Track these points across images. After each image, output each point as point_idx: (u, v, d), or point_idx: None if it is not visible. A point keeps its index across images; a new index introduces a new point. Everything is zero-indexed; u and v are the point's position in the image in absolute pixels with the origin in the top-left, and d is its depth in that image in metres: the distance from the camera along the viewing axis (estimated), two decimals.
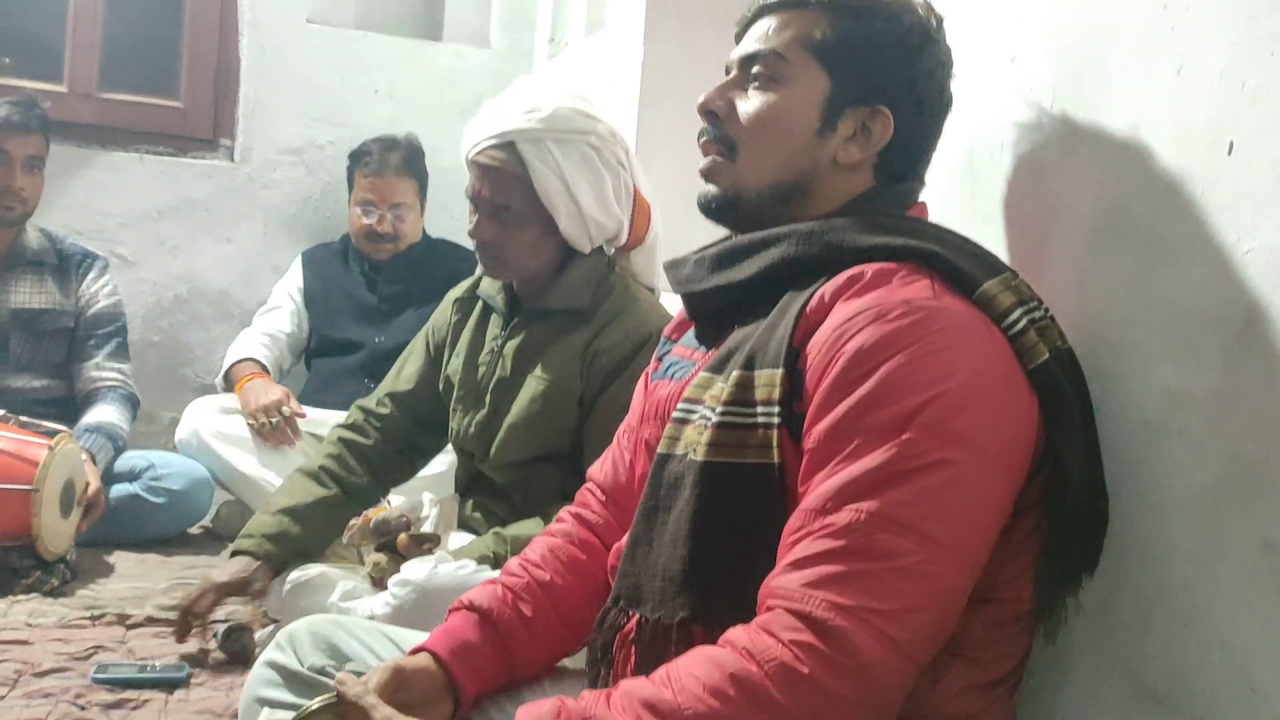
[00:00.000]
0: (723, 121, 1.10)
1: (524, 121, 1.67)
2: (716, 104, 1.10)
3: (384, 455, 1.90)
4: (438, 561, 1.60)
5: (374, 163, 2.90)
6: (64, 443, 2.24)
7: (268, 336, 2.91)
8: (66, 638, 1.92)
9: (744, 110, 1.08)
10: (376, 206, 2.90)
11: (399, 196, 2.91)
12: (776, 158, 1.06)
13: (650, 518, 1.01)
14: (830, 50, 1.06)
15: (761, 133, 1.07)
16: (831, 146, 1.06)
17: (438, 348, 1.92)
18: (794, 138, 1.06)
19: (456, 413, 1.83)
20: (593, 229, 1.73)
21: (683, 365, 1.13)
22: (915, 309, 0.90)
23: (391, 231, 2.91)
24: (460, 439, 1.83)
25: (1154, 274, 0.98)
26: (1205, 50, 0.93)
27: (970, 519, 0.87)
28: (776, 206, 1.07)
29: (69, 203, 3.04)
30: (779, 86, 1.07)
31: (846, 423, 0.88)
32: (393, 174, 2.90)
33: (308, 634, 1.21)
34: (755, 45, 1.09)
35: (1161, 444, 0.96)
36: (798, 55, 1.06)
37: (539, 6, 3.28)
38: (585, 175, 1.70)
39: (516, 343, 1.77)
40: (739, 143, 1.08)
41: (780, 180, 1.07)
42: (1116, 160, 1.03)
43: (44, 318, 2.63)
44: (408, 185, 2.93)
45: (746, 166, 1.08)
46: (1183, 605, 0.93)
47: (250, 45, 3.20)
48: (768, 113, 1.07)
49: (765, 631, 0.85)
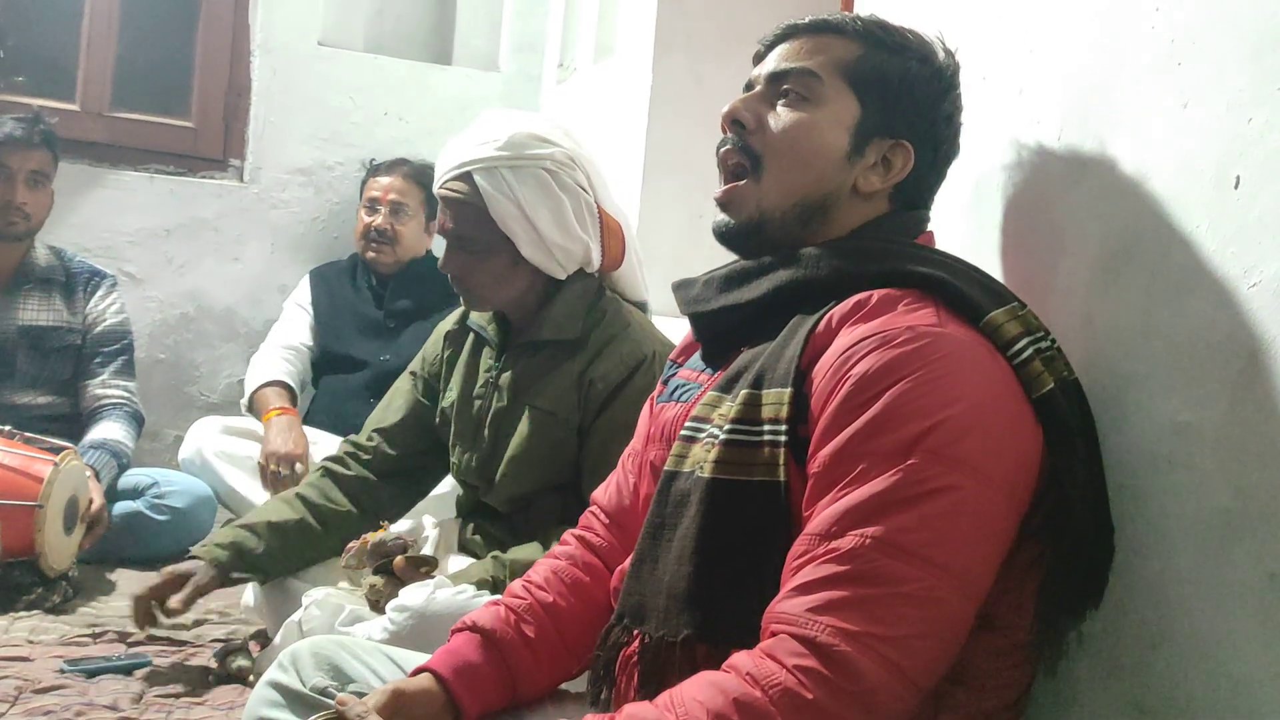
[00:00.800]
0: (749, 133, 1.08)
1: (479, 151, 1.67)
2: (744, 114, 1.09)
3: (368, 486, 1.89)
4: (436, 586, 1.60)
5: (384, 168, 2.98)
6: (69, 459, 2.24)
7: (291, 350, 2.90)
8: (67, 655, 1.91)
9: (775, 124, 1.07)
10: (379, 204, 2.92)
11: (401, 196, 2.93)
12: (805, 176, 1.06)
13: (656, 535, 1.02)
14: (864, 78, 1.06)
15: (792, 148, 1.06)
16: (855, 172, 1.06)
17: (429, 381, 1.91)
18: (823, 157, 1.06)
19: (456, 448, 1.83)
20: (558, 253, 1.71)
21: (689, 388, 1.14)
22: (920, 335, 0.91)
23: (389, 229, 2.90)
24: (461, 472, 1.83)
25: (1160, 306, 0.98)
26: (1211, 85, 0.94)
27: (974, 545, 0.88)
28: (797, 228, 1.06)
29: (78, 220, 3.05)
30: (811, 106, 1.06)
31: (851, 447, 0.89)
32: (400, 177, 2.95)
33: (310, 654, 1.21)
34: (788, 63, 1.08)
35: (1167, 476, 0.96)
36: (832, 77, 1.07)
37: (548, 32, 3.31)
38: (542, 200, 1.67)
39: (511, 375, 1.76)
40: (765, 157, 1.07)
41: (806, 199, 1.06)
42: (1123, 193, 1.04)
43: (51, 335, 2.64)
44: (412, 189, 2.95)
45: (771, 184, 1.07)
46: (1189, 637, 0.92)
47: (262, 67, 3.23)
48: (800, 129, 1.06)
49: (769, 657, 0.85)
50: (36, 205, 2.61)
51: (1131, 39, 1.04)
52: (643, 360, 1.70)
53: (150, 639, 2.02)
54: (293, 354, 2.90)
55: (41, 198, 2.63)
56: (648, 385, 1.67)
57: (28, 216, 2.60)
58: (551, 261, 1.72)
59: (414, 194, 2.97)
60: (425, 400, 1.90)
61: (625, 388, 1.69)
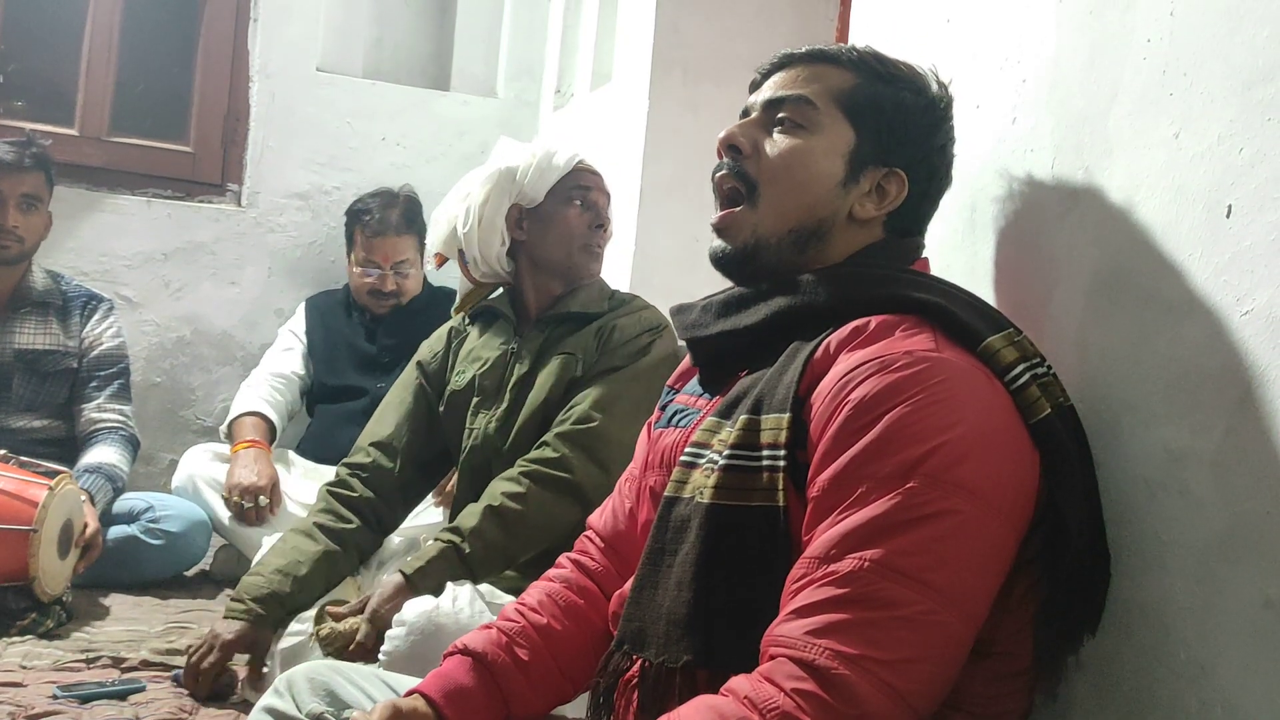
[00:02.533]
0: (745, 159, 1.09)
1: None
2: (740, 140, 1.10)
3: (373, 503, 1.95)
4: (442, 601, 1.61)
5: (374, 223, 2.90)
6: (64, 483, 2.23)
7: (281, 379, 2.90)
8: (61, 680, 1.90)
9: (771, 151, 1.08)
10: (379, 266, 2.90)
11: (400, 254, 2.92)
12: (800, 202, 1.07)
13: (656, 560, 1.02)
14: (859, 107, 1.08)
15: (788, 174, 1.07)
16: (850, 199, 1.08)
17: (432, 378, 2.01)
18: (819, 184, 1.07)
19: (477, 416, 1.90)
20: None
21: (688, 413, 1.14)
22: (918, 360, 0.91)
23: (395, 289, 2.92)
24: (478, 439, 1.88)
25: (1154, 334, 0.99)
26: (1203, 115, 0.95)
27: (973, 569, 0.88)
28: (792, 254, 1.07)
29: (76, 244, 3.06)
30: (807, 133, 1.08)
31: (851, 471, 0.89)
32: (393, 234, 2.90)
33: (306, 680, 1.21)
34: (784, 90, 1.10)
35: (1162, 502, 0.96)
36: (827, 105, 1.08)
37: (546, 59, 3.33)
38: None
39: (536, 344, 1.90)
40: (761, 183, 1.08)
41: (801, 226, 1.07)
42: (1116, 221, 1.05)
43: (47, 359, 2.64)
44: (408, 242, 2.94)
45: (768, 210, 1.08)
46: (1184, 663, 0.93)
47: (260, 92, 3.24)
48: (795, 156, 1.07)
49: (767, 680, 0.85)
50: (29, 228, 2.61)
51: (1124, 70, 1.06)
52: (659, 325, 1.89)
53: (144, 664, 2.01)
54: (283, 383, 2.90)
55: (34, 221, 2.62)
56: (662, 353, 1.84)
57: (20, 240, 2.59)
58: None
59: (410, 244, 2.95)
60: (430, 388, 2.00)
61: (637, 343, 1.85)
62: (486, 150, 3.41)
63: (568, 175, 1.94)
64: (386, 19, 3.48)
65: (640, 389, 1.79)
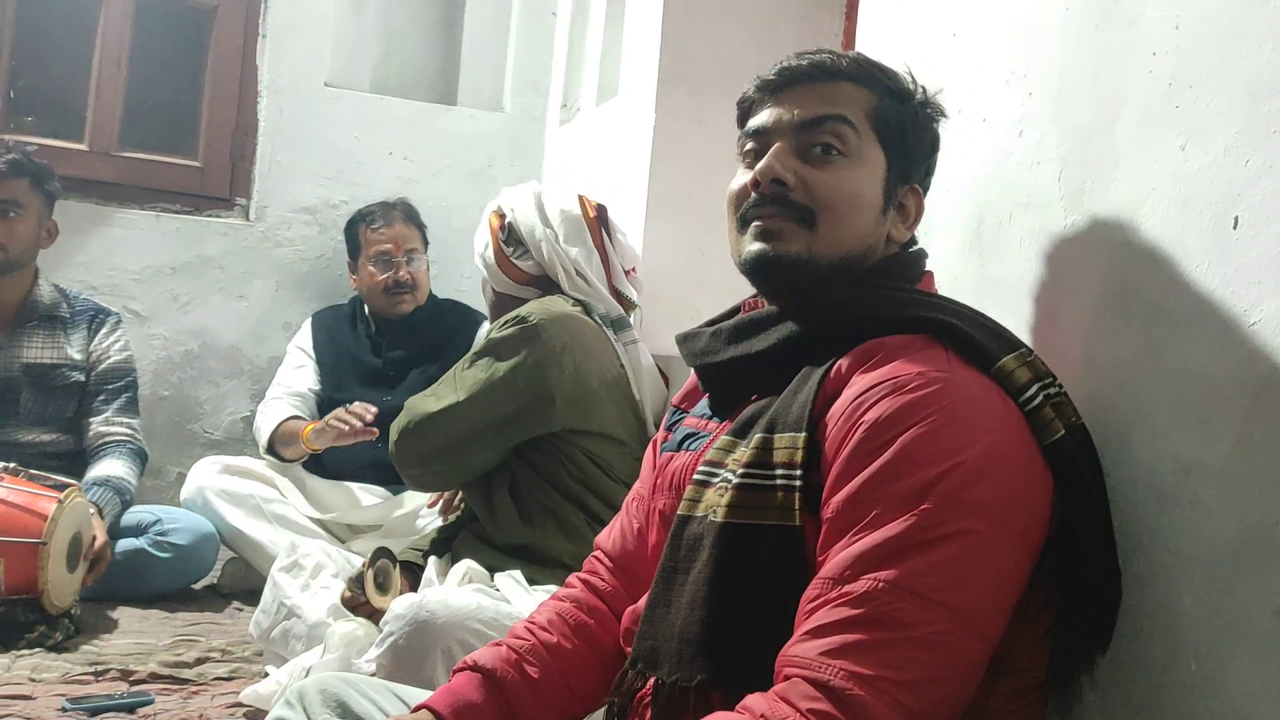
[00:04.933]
0: (790, 190, 1.05)
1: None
2: (784, 174, 1.05)
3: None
4: (423, 590, 1.64)
5: (379, 216, 2.97)
6: (73, 496, 2.24)
7: (298, 397, 2.89)
8: (70, 693, 1.90)
9: (825, 181, 1.04)
10: (393, 255, 2.92)
11: (409, 242, 2.96)
12: (852, 233, 1.05)
13: (669, 579, 1.02)
14: (885, 129, 1.07)
15: (844, 206, 1.05)
16: (888, 224, 1.08)
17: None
18: (868, 214, 1.06)
19: None
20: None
21: (698, 436, 1.14)
22: (932, 380, 0.91)
23: (410, 280, 2.93)
24: None
25: (1162, 345, 0.99)
26: (1209, 128, 0.96)
27: (987, 589, 0.88)
28: (837, 277, 1.05)
29: (85, 258, 3.07)
30: (851, 162, 1.05)
31: (865, 492, 0.89)
32: (400, 223, 2.96)
33: (317, 692, 1.21)
34: (823, 108, 1.06)
35: (1172, 513, 0.97)
36: (864, 128, 1.06)
37: (552, 73, 3.35)
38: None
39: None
40: (819, 213, 1.04)
41: (850, 254, 1.06)
42: (1123, 233, 1.06)
43: (55, 373, 2.64)
44: (414, 233, 2.99)
45: (825, 235, 1.04)
46: (1195, 675, 0.93)
47: (269, 107, 3.26)
48: (848, 187, 1.05)
49: (782, 700, 0.85)
50: (10, 235, 2.54)
51: (1130, 83, 1.06)
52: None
53: (152, 677, 2.02)
54: (300, 400, 2.89)
55: (17, 227, 2.55)
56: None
57: (3, 248, 2.55)
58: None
59: (417, 236, 3.00)
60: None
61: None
62: (493, 164, 3.45)
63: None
64: (394, 35, 3.50)
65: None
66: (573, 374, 1.85)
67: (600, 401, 1.88)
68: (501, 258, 2.05)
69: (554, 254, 2.01)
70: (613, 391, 1.92)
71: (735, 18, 2.48)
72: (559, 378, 1.83)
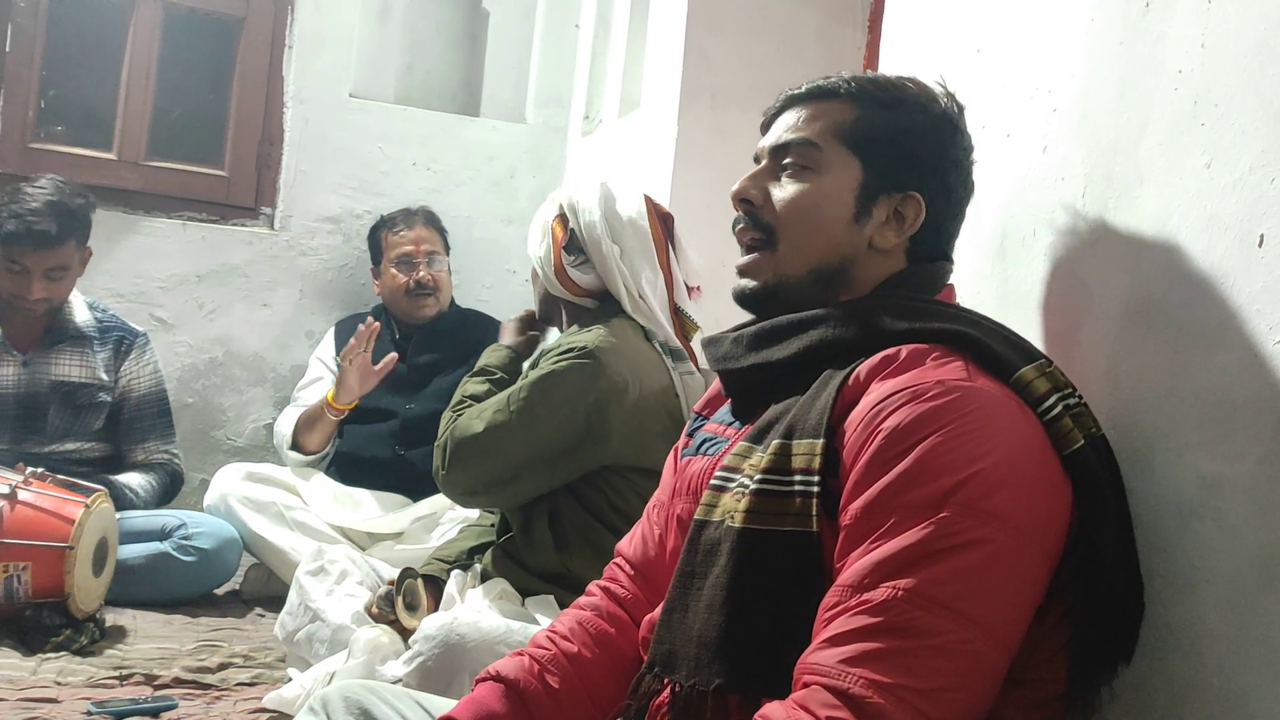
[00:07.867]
0: (759, 209, 1.12)
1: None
2: (751, 192, 1.13)
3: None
4: (454, 614, 1.63)
5: (400, 220, 3.04)
6: (99, 501, 2.27)
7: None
8: (94, 697, 1.92)
9: (780, 198, 1.11)
10: (414, 257, 2.98)
11: (432, 245, 3.02)
12: (815, 244, 1.09)
13: (686, 584, 1.02)
14: (862, 139, 1.09)
15: (799, 220, 1.10)
16: (868, 232, 1.09)
17: None
18: (831, 224, 1.09)
19: None
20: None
21: (717, 442, 1.15)
22: (951, 389, 0.92)
23: (432, 282, 2.97)
24: None
25: (1186, 362, 0.99)
26: (1235, 145, 0.96)
27: (1006, 598, 0.88)
28: (817, 292, 1.09)
29: (112, 266, 3.11)
30: (813, 175, 1.10)
31: (884, 500, 0.90)
32: (421, 225, 3.03)
33: (341, 700, 1.22)
34: (787, 135, 1.12)
35: (1195, 529, 0.97)
36: (830, 144, 1.10)
37: (574, 85, 3.37)
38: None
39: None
40: (778, 229, 1.11)
41: (821, 266, 1.09)
42: (1147, 250, 1.06)
43: (83, 392, 2.67)
44: (435, 236, 3.05)
45: (787, 252, 1.10)
46: (1218, 691, 0.93)
47: (294, 118, 3.30)
48: (804, 200, 1.10)
49: (802, 708, 0.85)
50: (57, 290, 2.60)
51: (1155, 100, 1.07)
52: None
53: (176, 681, 2.03)
54: None
55: (63, 285, 2.61)
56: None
57: (49, 301, 2.61)
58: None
59: (438, 239, 3.06)
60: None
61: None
62: (515, 175, 3.47)
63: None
64: (418, 46, 3.53)
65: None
66: (632, 413, 1.80)
67: (654, 439, 1.82)
68: (560, 270, 1.94)
69: (619, 273, 1.91)
70: (666, 427, 1.84)
71: (758, 31, 2.49)
72: (618, 415, 1.79)
